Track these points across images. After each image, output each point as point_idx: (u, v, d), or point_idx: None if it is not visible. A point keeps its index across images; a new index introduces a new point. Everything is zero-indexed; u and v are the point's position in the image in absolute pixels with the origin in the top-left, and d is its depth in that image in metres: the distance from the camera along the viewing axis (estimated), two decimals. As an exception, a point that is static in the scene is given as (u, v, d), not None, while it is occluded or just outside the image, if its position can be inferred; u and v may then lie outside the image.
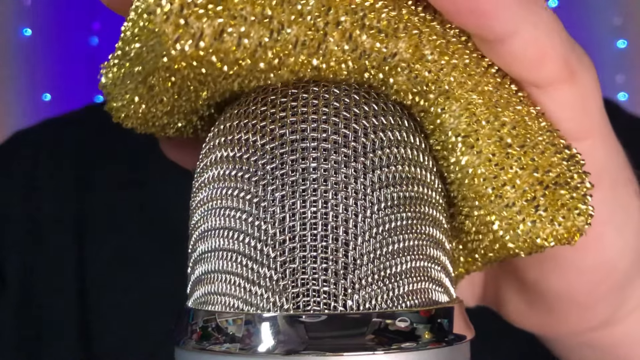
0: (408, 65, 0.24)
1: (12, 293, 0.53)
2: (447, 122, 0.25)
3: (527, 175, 0.25)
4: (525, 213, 0.25)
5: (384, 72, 0.25)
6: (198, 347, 0.24)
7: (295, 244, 0.23)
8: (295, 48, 0.23)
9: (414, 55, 0.24)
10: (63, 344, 0.52)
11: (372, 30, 0.24)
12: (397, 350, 0.23)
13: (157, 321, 0.50)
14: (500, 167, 0.25)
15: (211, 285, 0.24)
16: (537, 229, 0.25)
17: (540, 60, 0.25)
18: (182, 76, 0.24)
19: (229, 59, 0.23)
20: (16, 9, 1.34)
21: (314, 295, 0.23)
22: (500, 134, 0.25)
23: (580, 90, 0.26)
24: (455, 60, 0.25)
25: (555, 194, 0.25)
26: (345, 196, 0.23)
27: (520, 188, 0.25)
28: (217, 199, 0.24)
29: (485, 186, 0.25)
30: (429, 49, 0.25)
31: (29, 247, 0.54)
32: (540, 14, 0.25)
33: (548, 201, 0.25)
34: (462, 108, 0.25)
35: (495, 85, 0.26)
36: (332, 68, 0.24)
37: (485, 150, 0.25)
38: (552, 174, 0.25)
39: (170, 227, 0.53)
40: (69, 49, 1.33)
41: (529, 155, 0.25)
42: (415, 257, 0.24)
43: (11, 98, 1.32)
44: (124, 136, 0.57)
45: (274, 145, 0.24)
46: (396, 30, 0.24)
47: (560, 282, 0.31)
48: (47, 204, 0.55)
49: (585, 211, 0.25)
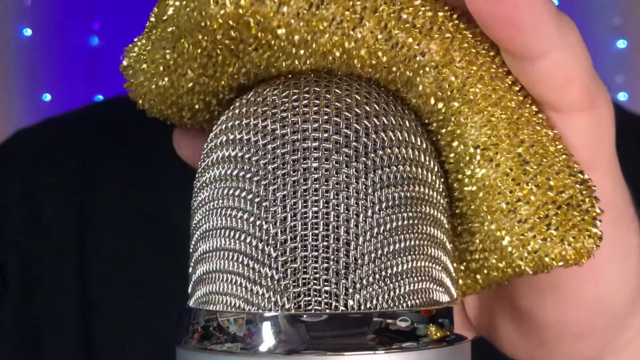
0: (436, 67, 0.25)
1: (12, 293, 0.53)
2: (468, 133, 0.25)
3: (541, 194, 0.25)
4: (536, 230, 0.25)
5: (412, 70, 0.25)
6: (199, 346, 0.24)
7: (297, 243, 0.23)
8: (331, 26, 0.24)
9: (443, 57, 0.25)
10: (63, 344, 0.52)
11: (407, 24, 0.24)
12: (398, 350, 0.23)
13: (157, 321, 0.49)
14: (517, 182, 0.25)
15: (212, 285, 0.24)
16: (547, 247, 0.25)
17: (565, 84, 0.25)
18: (214, 41, 0.24)
19: (265, 25, 0.23)
20: (16, 9, 1.34)
21: (315, 295, 0.23)
22: (518, 151, 0.25)
23: (597, 119, 0.26)
24: (482, 72, 0.25)
25: (567, 214, 0.25)
26: (346, 196, 0.23)
27: (534, 205, 0.25)
28: (219, 198, 0.24)
29: (500, 200, 0.25)
30: (459, 55, 0.25)
31: (29, 247, 0.54)
32: (571, 38, 0.25)
33: (560, 221, 0.25)
34: (485, 120, 0.25)
35: (518, 103, 0.26)
36: (362, 57, 0.25)
37: (503, 164, 0.25)
38: (565, 195, 0.25)
39: (170, 227, 0.53)
40: (69, 49, 1.33)
41: (544, 175, 0.25)
42: (416, 257, 0.24)
43: (11, 98, 1.32)
44: (125, 136, 0.57)
45: (276, 145, 0.24)
46: (430, 31, 0.25)
47: (557, 313, 0.30)
48: (48, 203, 0.55)
49: (594, 234, 0.25)
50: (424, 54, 0.25)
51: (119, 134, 0.58)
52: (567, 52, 0.25)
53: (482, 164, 0.25)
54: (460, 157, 0.26)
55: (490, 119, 0.25)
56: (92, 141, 0.57)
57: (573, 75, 0.25)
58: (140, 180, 0.55)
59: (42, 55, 1.33)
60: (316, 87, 0.25)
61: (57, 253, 0.53)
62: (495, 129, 0.25)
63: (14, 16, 1.34)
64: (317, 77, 0.25)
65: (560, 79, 0.25)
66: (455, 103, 0.25)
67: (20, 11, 1.34)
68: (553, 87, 0.25)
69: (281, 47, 0.24)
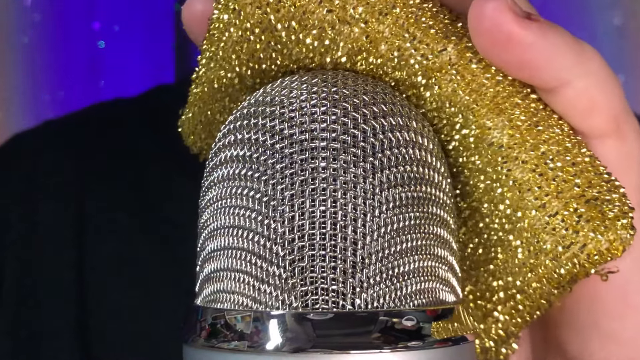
0: (454, 67, 0.25)
1: (10, 295, 0.53)
2: (490, 135, 0.26)
3: (568, 189, 0.25)
4: (568, 224, 0.25)
5: (431, 70, 0.25)
6: (206, 344, 0.24)
7: (304, 242, 0.23)
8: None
9: (460, 58, 0.25)
10: (62, 345, 0.52)
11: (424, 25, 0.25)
12: (403, 349, 0.23)
13: (156, 322, 0.50)
14: (544, 178, 0.25)
15: (220, 283, 0.25)
16: (580, 240, 0.25)
17: (589, 110, 0.26)
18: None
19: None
20: (16, 9, 1.34)
21: (322, 294, 0.23)
22: (542, 149, 0.25)
23: (625, 147, 0.27)
24: (499, 77, 0.26)
25: (596, 207, 0.25)
26: (354, 196, 0.23)
27: (563, 199, 0.25)
28: (227, 197, 0.25)
29: (529, 197, 0.25)
30: (476, 58, 0.25)
31: (28, 249, 0.54)
32: (592, 64, 0.25)
33: (591, 214, 0.25)
34: (507, 120, 0.25)
35: (536, 107, 0.26)
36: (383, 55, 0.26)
37: (529, 162, 0.25)
38: (593, 190, 0.25)
39: (170, 227, 0.53)
40: (69, 49, 1.33)
41: (570, 171, 0.25)
42: (422, 256, 0.24)
43: (11, 98, 1.32)
44: (124, 137, 0.57)
45: (284, 145, 0.24)
46: (446, 33, 0.25)
47: (602, 354, 0.30)
48: (47, 205, 0.55)
49: (627, 225, 0.25)
50: (442, 50, 0.25)
51: (118, 135, 0.58)
52: (588, 79, 0.25)
53: (507, 163, 0.25)
54: (484, 158, 0.26)
55: (511, 118, 0.25)
56: (91, 142, 0.58)
57: (597, 101, 0.26)
58: (139, 181, 0.55)
59: (42, 55, 1.33)
60: (324, 88, 0.25)
61: (55, 254, 0.53)
62: (517, 128, 0.25)
63: (14, 17, 1.34)
64: (325, 78, 0.25)
65: (584, 106, 0.26)
66: (475, 105, 0.25)
67: (20, 11, 1.34)
68: (578, 114, 0.26)
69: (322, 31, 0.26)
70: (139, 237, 0.54)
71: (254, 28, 0.26)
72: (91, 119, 0.60)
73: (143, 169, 0.55)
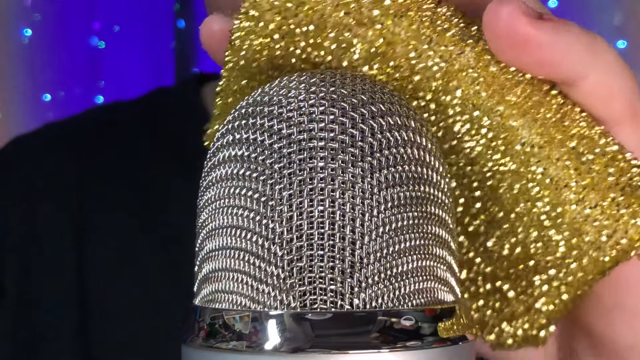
0: (473, 68, 0.26)
1: (11, 295, 0.53)
2: (519, 135, 0.26)
3: (602, 179, 0.26)
4: (608, 214, 0.26)
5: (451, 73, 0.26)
6: (205, 344, 0.24)
7: (303, 242, 0.23)
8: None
9: (479, 60, 0.26)
10: (62, 347, 0.52)
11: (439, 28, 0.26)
12: (402, 348, 0.23)
13: (156, 322, 0.50)
14: (578, 172, 0.26)
15: (218, 283, 0.25)
16: (621, 227, 0.25)
17: (607, 99, 0.27)
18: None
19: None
20: (16, 9, 1.34)
21: (320, 294, 0.23)
22: (572, 145, 0.26)
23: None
24: (519, 77, 0.26)
25: (633, 194, 0.26)
26: (352, 195, 0.23)
27: (600, 191, 0.26)
28: (225, 197, 0.25)
29: (566, 193, 0.26)
30: (493, 60, 0.26)
31: (28, 250, 0.54)
32: (607, 56, 0.27)
33: (628, 201, 0.26)
34: (533, 119, 0.26)
35: (558, 103, 0.27)
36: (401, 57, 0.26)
37: (562, 158, 0.26)
38: (625, 178, 0.26)
39: (170, 228, 0.53)
40: (69, 49, 1.33)
41: (601, 162, 0.26)
42: (421, 256, 0.24)
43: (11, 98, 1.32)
44: (123, 138, 0.57)
45: (282, 145, 0.24)
46: (462, 36, 0.26)
47: (628, 333, 0.31)
48: (47, 207, 0.55)
49: None
50: (460, 53, 0.26)
51: (118, 136, 0.58)
52: (604, 70, 0.26)
53: (541, 162, 0.26)
54: (516, 160, 0.26)
55: (536, 117, 0.26)
56: (91, 144, 0.58)
57: (614, 90, 0.27)
58: (138, 182, 0.55)
59: (42, 55, 1.33)
60: (322, 87, 0.25)
61: (55, 256, 0.53)
62: (544, 126, 0.26)
63: (14, 16, 1.34)
64: (323, 77, 0.25)
65: (603, 94, 0.27)
66: (500, 107, 0.26)
67: (20, 11, 1.34)
68: (597, 104, 0.27)
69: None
70: (139, 237, 0.54)
71: (273, 34, 0.27)
72: (91, 121, 0.60)
73: (143, 170, 0.55)
